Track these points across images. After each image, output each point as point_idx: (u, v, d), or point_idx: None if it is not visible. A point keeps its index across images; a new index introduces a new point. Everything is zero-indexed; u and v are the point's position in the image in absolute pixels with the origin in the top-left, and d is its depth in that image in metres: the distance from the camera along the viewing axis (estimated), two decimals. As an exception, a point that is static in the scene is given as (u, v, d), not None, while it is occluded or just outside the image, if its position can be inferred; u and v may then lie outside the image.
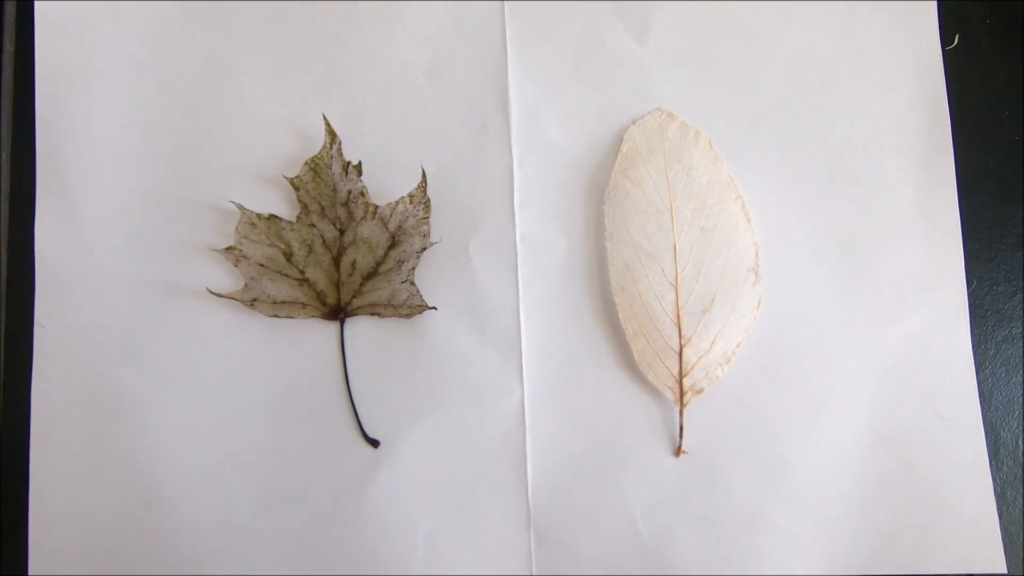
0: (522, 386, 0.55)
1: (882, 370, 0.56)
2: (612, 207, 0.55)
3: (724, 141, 0.57)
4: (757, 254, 0.55)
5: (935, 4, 0.59)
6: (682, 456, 0.54)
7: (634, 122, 0.57)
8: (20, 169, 0.56)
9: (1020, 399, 0.56)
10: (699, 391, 0.54)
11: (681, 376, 0.54)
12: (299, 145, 0.56)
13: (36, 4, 0.57)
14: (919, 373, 0.56)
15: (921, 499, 0.55)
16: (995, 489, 0.55)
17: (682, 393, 0.54)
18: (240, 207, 0.54)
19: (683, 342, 0.54)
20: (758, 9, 0.59)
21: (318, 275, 0.54)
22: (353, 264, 0.55)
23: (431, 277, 0.56)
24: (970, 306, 0.56)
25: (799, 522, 0.54)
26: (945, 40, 0.59)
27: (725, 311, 0.54)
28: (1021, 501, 0.55)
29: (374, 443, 0.54)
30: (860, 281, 0.56)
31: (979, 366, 0.56)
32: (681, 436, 0.54)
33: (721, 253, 0.55)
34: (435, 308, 0.55)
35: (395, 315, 0.55)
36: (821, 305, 0.56)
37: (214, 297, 0.54)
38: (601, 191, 0.57)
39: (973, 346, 0.56)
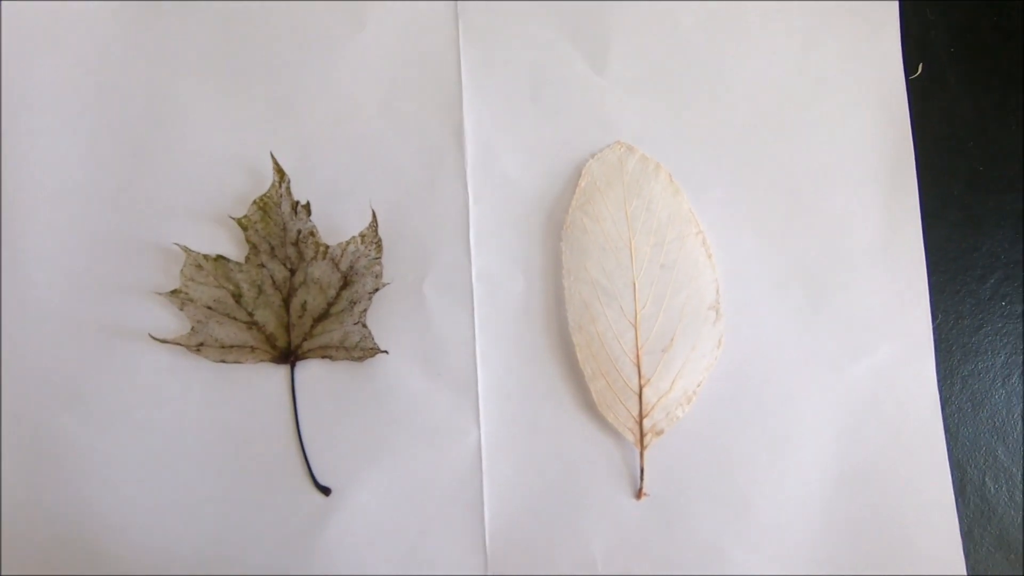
0: (479, 428, 0.54)
1: (846, 406, 0.55)
2: (569, 244, 0.54)
3: (684, 172, 0.56)
4: (718, 291, 0.54)
5: (898, 33, 0.58)
6: (643, 498, 0.53)
7: (593, 156, 0.56)
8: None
9: (986, 435, 0.56)
10: (659, 432, 0.53)
11: (641, 417, 0.53)
12: (247, 183, 0.55)
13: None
14: (884, 408, 0.55)
15: (886, 537, 0.54)
16: (961, 527, 0.54)
17: (642, 435, 0.53)
18: (185, 249, 0.53)
19: (643, 382, 0.53)
20: (718, 39, 0.58)
21: (268, 317, 0.53)
22: (304, 305, 0.54)
23: (385, 317, 0.55)
24: (935, 340, 0.56)
25: (762, 562, 0.54)
26: (908, 69, 0.58)
27: (685, 350, 0.53)
28: (987, 539, 0.55)
29: (325, 490, 0.53)
30: (823, 315, 0.56)
31: (945, 401, 0.56)
32: (642, 478, 0.54)
33: (681, 290, 0.54)
34: (386, 352, 0.54)
35: (347, 358, 0.53)
36: (783, 340, 0.56)
37: (157, 343, 0.53)
38: (559, 227, 0.56)
39: (939, 381, 0.55)
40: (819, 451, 0.55)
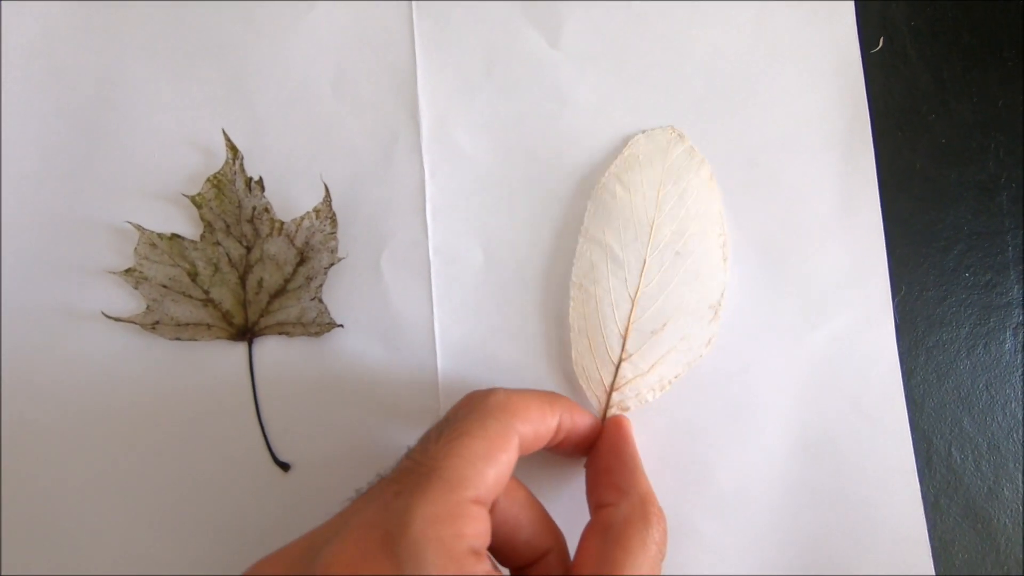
0: (439, 402, 0.55)
1: (806, 374, 0.57)
2: (596, 204, 0.56)
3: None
4: (723, 295, 0.55)
5: (852, 4, 0.60)
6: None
7: (643, 131, 0.58)
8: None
9: (951, 406, 0.57)
10: (624, 409, 0.54)
11: (612, 389, 0.54)
12: (200, 161, 0.56)
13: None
14: (844, 376, 0.57)
15: (848, 505, 0.55)
16: (927, 497, 0.55)
17: (608, 407, 0.54)
18: (139, 227, 0.54)
19: (624, 356, 0.54)
20: (672, 10, 0.60)
21: (224, 295, 0.54)
22: (260, 283, 0.55)
23: (342, 293, 0.56)
24: (899, 312, 0.57)
25: (725, 531, 0.55)
26: (868, 42, 0.60)
27: (674, 339, 0.55)
28: (954, 509, 0.56)
29: (284, 466, 0.54)
30: (781, 283, 0.57)
31: (910, 373, 0.57)
32: None
33: (688, 281, 0.55)
34: (342, 326, 0.55)
35: (304, 334, 0.55)
36: (742, 308, 0.57)
37: (111, 321, 0.54)
38: (516, 199, 0.57)
39: (902, 352, 0.57)
40: (779, 418, 0.56)
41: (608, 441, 0.51)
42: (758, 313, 0.57)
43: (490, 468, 0.40)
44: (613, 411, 0.54)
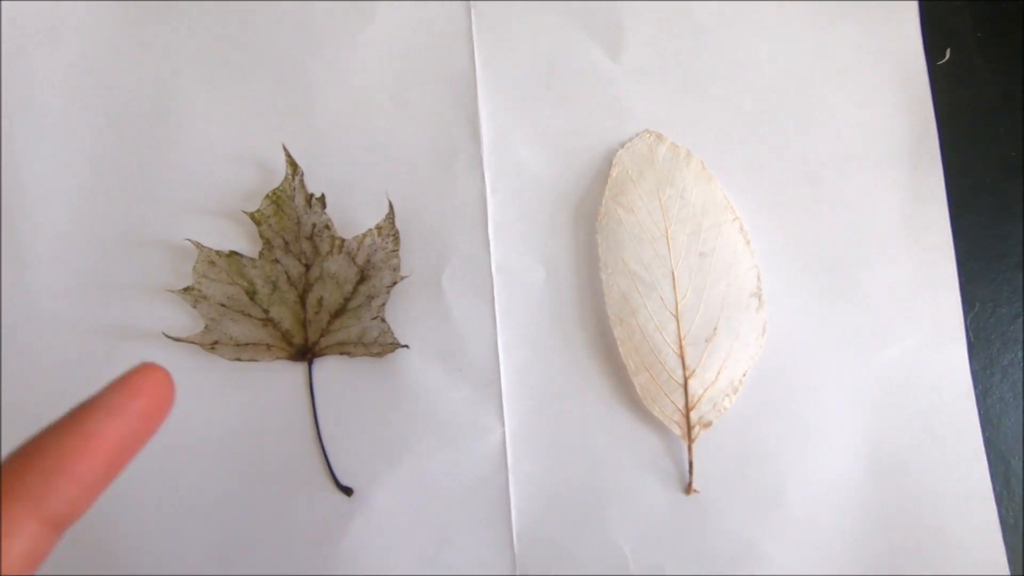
0: (503, 424, 0.55)
1: (877, 393, 0.56)
2: (605, 235, 0.56)
3: (704, 160, 0.58)
4: (759, 278, 0.55)
5: (916, 15, 0.60)
6: (692, 494, 0.54)
7: (622, 145, 0.57)
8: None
9: (1028, 425, 0.57)
10: (707, 424, 0.54)
11: (688, 409, 0.54)
12: (257, 177, 0.57)
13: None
14: (915, 396, 0.56)
15: (922, 530, 0.55)
16: (1006, 521, 0.55)
17: (690, 427, 0.54)
18: (197, 244, 0.54)
19: (687, 374, 0.54)
20: (734, 22, 0.60)
21: (283, 314, 0.55)
22: (320, 301, 0.55)
23: (403, 312, 0.56)
24: (972, 330, 0.57)
25: (795, 555, 0.55)
26: (934, 54, 0.60)
27: (729, 339, 0.55)
28: (1035, 532, 0.56)
29: (347, 491, 0.54)
30: (850, 302, 0.57)
31: (985, 393, 0.56)
32: (691, 473, 0.54)
33: (721, 278, 0.55)
34: (407, 346, 0.55)
35: (366, 354, 0.55)
36: (811, 327, 0.57)
37: (171, 341, 0.54)
38: (579, 215, 0.57)
39: (975, 372, 0.56)
40: (850, 440, 0.56)
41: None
42: (826, 332, 0.57)
43: None
44: (696, 431, 0.54)
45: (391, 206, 0.55)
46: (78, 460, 0.27)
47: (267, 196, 0.55)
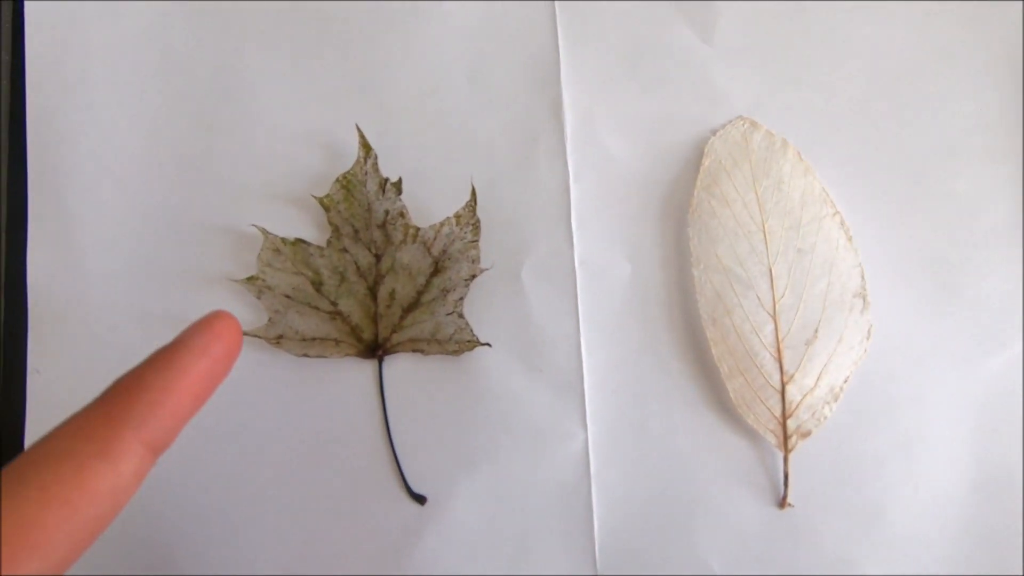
0: (585, 429, 0.52)
1: (981, 405, 0.53)
2: (697, 229, 0.52)
3: (800, 150, 0.54)
4: (863, 277, 0.52)
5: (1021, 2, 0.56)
6: (786, 508, 0.51)
7: (714, 132, 0.54)
8: (12, 190, 0.52)
9: None
10: (806, 434, 0.51)
11: (785, 417, 0.51)
12: (325, 160, 0.53)
13: (26, 4, 0.54)
14: (1022, 406, 0.53)
15: (1029, 548, 0.52)
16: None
17: (786, 437, 0.51)
18: (262, 231, 0.51)
19: (785, 379, 0.51)
20: (832, 5, 0.56)
21: (352, 307, 0.51)
22: (392, 294, 0.51)
23: (479, 308, 0.52)
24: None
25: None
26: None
27: (831, 342, 0.51)
28: None
29: (420, 499, 0.51)
30: (955, 305, 0.54)
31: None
32: (786, 485, 0.51)
33: (822, 277, 0.52)
34: (489, 344, 0.51)
35: (441, 352, 0.51)
36: (912, 332, 0.54)
37: (235, 333, 0.51)
38: (668, 207, 0.54)
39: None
40: (954, 454, 0.53)
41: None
42: (930, 337, 0.53)
43: None
44: (793, 440, 0.51)
45: (474, 192, 0.51)
46: (174, 392, 0.32)
47: (337, 180, 0.51)
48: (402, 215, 0.51)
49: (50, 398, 0.51)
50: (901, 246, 0.54)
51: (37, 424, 0.50)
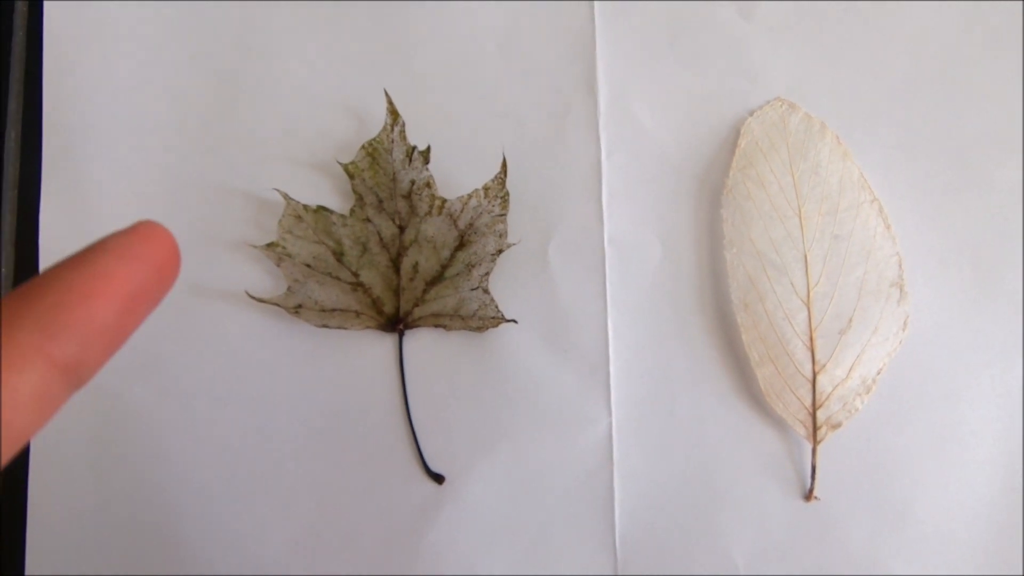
0: (610, 414, 0.51)
1: (1018, 402, 0.52)
2: (731, 210, 0.51)
3: (840, 135, 0.53)
4: (901, 266, 0.51)
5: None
6: (813, 501, 0.50)
7: (751, 113, 0.53)
8: (26, 151, 0.51)
9: None
10: (836, 425, 0.50)
11: (815, 408, 0.50)
12: (351, 126, 0.52)
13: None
14: (1059, 405, 0.52)
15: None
16: None
17: (816, 428, 0.50)
18: (285, 196, 0.49)
19: (817, 368, 0.50)
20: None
21: (374, 279, 0.50)
22: (415, 267, 0.50)
23: (503, 284, 0.51)
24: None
25: (923, 574, 0.50)
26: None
27: (866, 333, 0.50)
28: None
29: (438, 478, 0.50)
30: (993, 298, 0.53)
31: None
32: (813, 478, 0.50)
33: (858, 265, 0.50)
34: (515, 321, 0.50)
35: (464, 327, 0.50)
36: (948, 325, 0.52)
37: (249, 302, 0.50)
38: (702, 187, 0.53)
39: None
40: (988, 452, 0.52)
41: None
42: (968, 331, 0.52)
43: None
44: (823, 432, 0.50)
45: (504, 164, 0.50)
46: (89, 298, 0.24)
47: (363, 147, 0.50)
48: (428, 185, 0.50)
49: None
50: (941, 236, 0.53)
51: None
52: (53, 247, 0.50)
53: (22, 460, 0.48)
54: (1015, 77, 0.55)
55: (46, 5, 0.52)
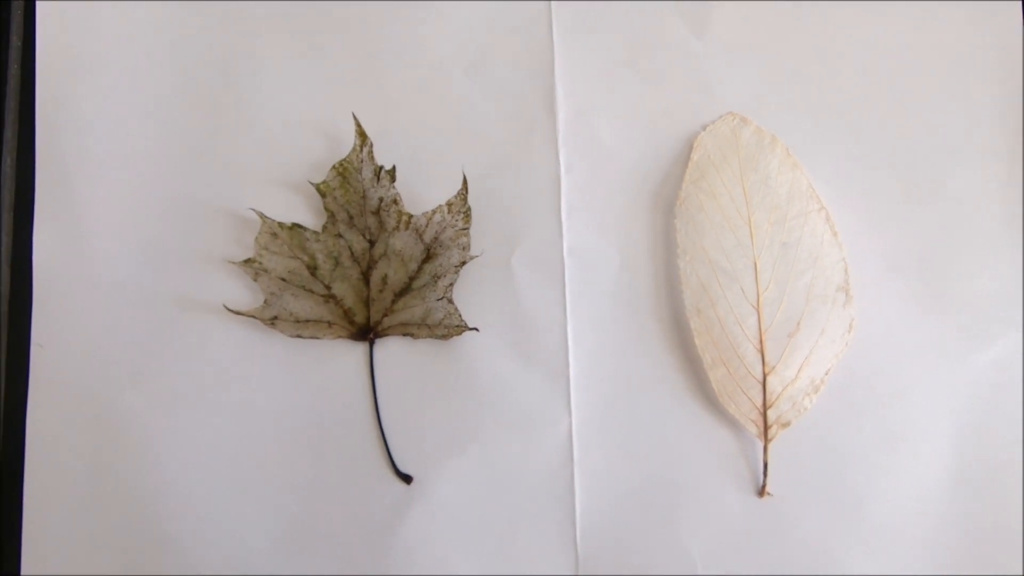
0: (570, 415, 0.54)
1: (966, 400, 0.55)
2: (684, 221, 0.54)
3: (791, 146, 0.56)
4: (846, 271, 0.53)
5: (1020, 6, 0.57)
6: (766, 497, 0.53)
7: (704, 127, 0.56)
8: (21, 173, 0.55)
9: None
10: (785, 424, 0.52)
11: (765, 408, 0.53)
12: (325, 147, 0.55)
13: (38, -10, 0.56)
14: (1007, 404, 0.54)
15: (1008, 543, 0.53)
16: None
17: (767, 427, 0.53)
18: (260, 215, 0.53)
19: (767, 370, 0.53)
20: (829, 3, 0.58)
21: (345, 291, 0.53)
22: (384, 279, 0.53)
23: (469, 294, 0.54)
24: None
25: (873, 566, 0.53)
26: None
27: (813, 335, 0.53)
28: None
29: (406, 479, 0.53)
30: (942, 301, 0.55)
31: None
32: (765, 474, 0.53)
33: (806, 271, 0.53)
34: (476, 329, 0.53)
35: (430, 336, 0.53)
36: (899, 328, 0.55)
37: (229, 314, 0.53)
38: (657, 198, 0.56)
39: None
40: (937, 448, 0.54)
41: None
42: (915, 332, 0.55)
43: None
44: (773, 430, 0.52)
45: (465, 181, 0.53)
46: None
47: (334, 167, 0.53)
48: (395, 202, 0.53)
49: (52, 370, 0.53)
50: (890, 242, 0.56)
51: (40, 394, 0.53)
52: (46, 261, 0.54)
53: (18, 463, 0.52)
54: (963, 90, 0.57)
55: (39, 39, 0.55)
